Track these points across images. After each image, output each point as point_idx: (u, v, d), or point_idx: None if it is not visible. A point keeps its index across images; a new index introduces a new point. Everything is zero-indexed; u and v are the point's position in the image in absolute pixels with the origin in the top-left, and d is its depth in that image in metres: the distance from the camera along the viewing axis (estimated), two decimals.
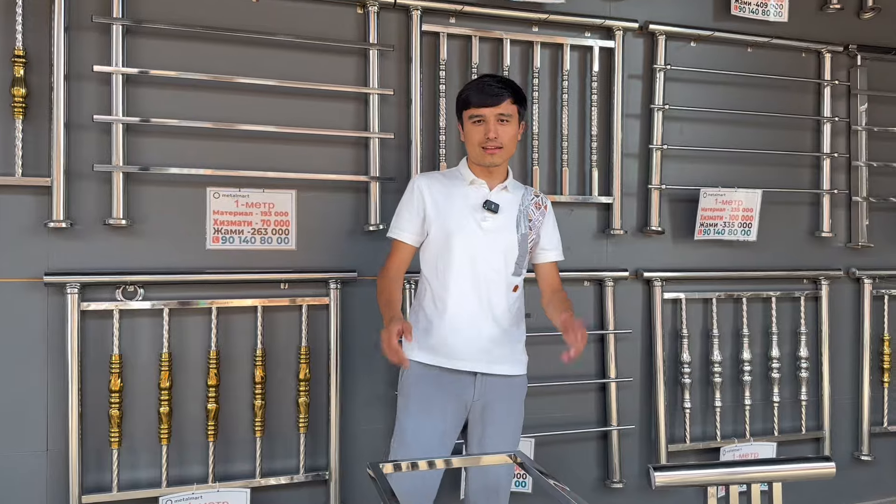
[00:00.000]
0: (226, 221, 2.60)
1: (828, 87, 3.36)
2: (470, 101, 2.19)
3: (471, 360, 2.18)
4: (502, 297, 2.22)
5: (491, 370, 2.20)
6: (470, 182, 2.24)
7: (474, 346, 2.19)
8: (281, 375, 2.66)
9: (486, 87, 2.17)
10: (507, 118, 2.18)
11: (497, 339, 2.21)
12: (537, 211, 2.30)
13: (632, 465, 3.11)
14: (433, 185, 2.24)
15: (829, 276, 3.37)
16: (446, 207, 2.20)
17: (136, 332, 2.51)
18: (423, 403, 2.17)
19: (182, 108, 2.55)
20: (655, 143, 3.08)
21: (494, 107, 2.15)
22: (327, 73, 2.70)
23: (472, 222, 2.19)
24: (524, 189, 2.34)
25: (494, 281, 2.20)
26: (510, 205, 2.24)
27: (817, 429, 3.37)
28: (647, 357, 3.13)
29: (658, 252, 3.15)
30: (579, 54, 3.03)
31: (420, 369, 2.19)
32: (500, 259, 2.20)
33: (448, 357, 2.18)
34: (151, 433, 2.51)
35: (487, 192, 2.23)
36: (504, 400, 2.24)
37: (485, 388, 2.21)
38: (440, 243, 2.20)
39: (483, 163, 2.21)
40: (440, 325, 2.18)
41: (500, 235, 2.20)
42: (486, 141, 2.16)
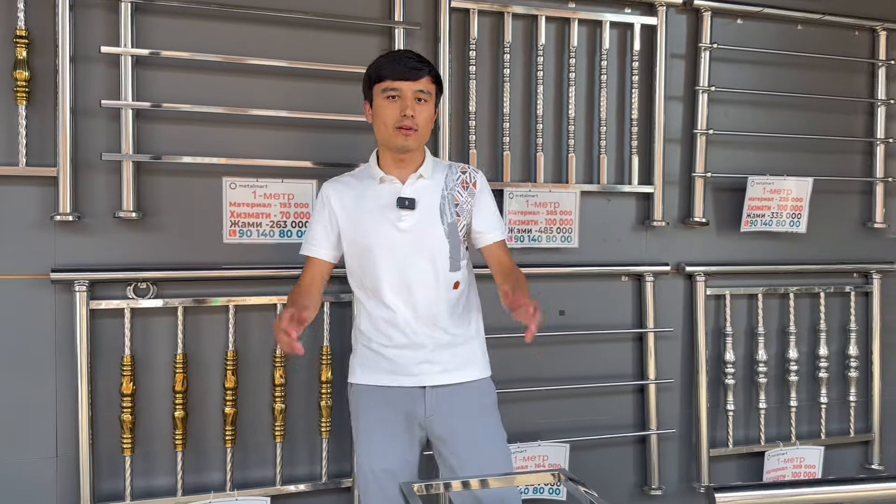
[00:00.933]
0: (243, 214, 2.44)
1: (882, 67, 3.14)
2: (384, 74, 1.93)
3: (414, 375, 1.99)
4: (441, 299, 2.00)
5: (440, 381, 1.99)
6: (380, 180, 2.00)
7: (416, 358, 1.99)
8: (301, 377, 2.51)
9: (404, 60, 1.94)
10: (425, 97, 1.94)
11: (443, 345, 2.00)
12: (465, 191, 2.04)
13: (671, 469, 2.95)
14: (342, 192, 2.03)
15: (881, 269, 3.16)
16: (358, 215, 2.00)
17: (149, 331, 2.36)
18: (372, 428, 2.00)
19: (196, 92, 2.38)
20: (699, 128, 2.87)
21: (413, 81, 1.91)
22: (350, 53, 2.51)
23: (387, 226, 1.97)
24: (447, 168, 2.07)
25: (427, 284, 1.98)
26: (430, 193, 2.00)
27: (866, 431, 3.18)
28: (688, 356, 2.95)
29: (701, 245, 2.96)
30: (619, 32, 2.82)
31: (364, 392, 2.03)
32: (428, 259, 1.97)
33: (389, 374, 2.00)
34: (166, 439, 2.37)
35: (400, 186, 1.99)
36: (465, 411, 2.00)
37: (437, 401, 1.99)
38: (360, 255, 2.00)
39: (395, 145, 1.94)
40: (378, 342, 2.01)
41: (423, 233, 1.97)
42: (402, 119, 1.90)
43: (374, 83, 1.96)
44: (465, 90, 2.62)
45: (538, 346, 2.70)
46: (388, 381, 2.01)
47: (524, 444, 2.66)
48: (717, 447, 2.96)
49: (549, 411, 2.77)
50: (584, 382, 2.78)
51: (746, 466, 3.03)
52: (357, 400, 2.06)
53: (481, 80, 2.65)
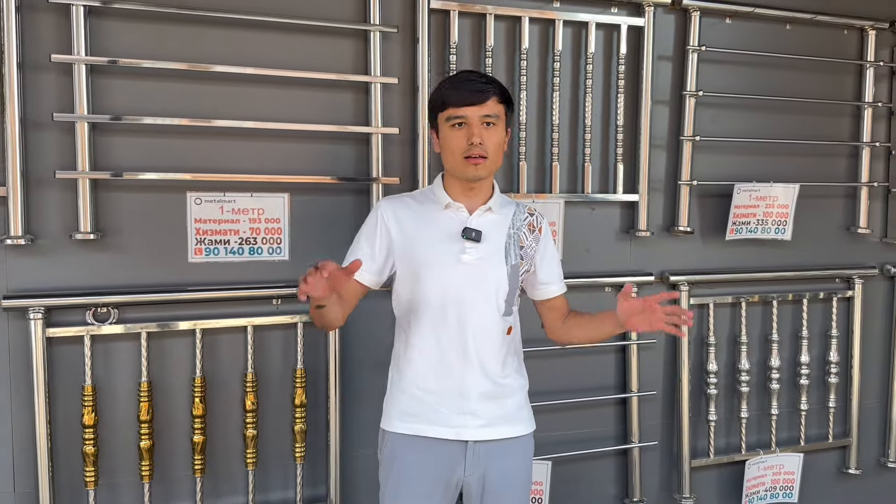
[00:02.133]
0: (209, 231, 2.29)
1: (871, 68, 3.06)
2: (448, 101, 1.81)
3: (457, 427, 1.83)
4: (493, 344, 1.86)
5: (484, 436, 1.85)
6: (445, 206, 1.87)
7: (460, 409, 1.84)
8: (275, 401, 2.40)
9: (468, 83, 1.81)
10: (494, 121, 1.81)
11: (489, 396, 1.86)
12: (531, 234, 1.93)
13: (652, 480, 2.91)
14: (400, 212, 1.88)
15: (863, 274, 3.12)
16: (417, 239, 1.85)
17: (111, 358, 2.23)
18: (404, 485, 1.84)
19: (157, 102, 2.22)
20: (686, 134, 2.78)
21: (479, 105, 1.78)
22: (322, 59, 2.36)
23: (448, 255, 1.83)
24: (514, 206, 1.96)
25: (482, 326, 1.84)
26: (497, 229, 1.88)
27: (844, 436, 3.18)
28: (670, 367, 2.90)
29: (685, 253, 2.88)
30: (605, 34, 2.70)
31: (399, 441, 1.86)
32: (486, 299, 1.84)
33: (429, 423, 1.84)
34: (132, 470, 2.25)
35: (467, 216, 1.86)
36: (506, 469, 1.88)
37: (478, 459, 1.85)
38: (412, 283, 1.85)
39: (465, 176, 1.82)
40: (418, 385, 1.85)
41: (486, 269, 1.84)
42: (470, 148, 1.78)
43: (438, 111, 1.84)
44: None
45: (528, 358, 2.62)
46: (426, 430, 1.84)
47: None
48: (698, 457, 2.93)
49: None
50: (566, 395, 2.72)
51: (727, 476, 3.01)
52: (391, 451, 1.89)
53: None
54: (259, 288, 2.33)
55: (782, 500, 3.03)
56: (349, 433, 2.47)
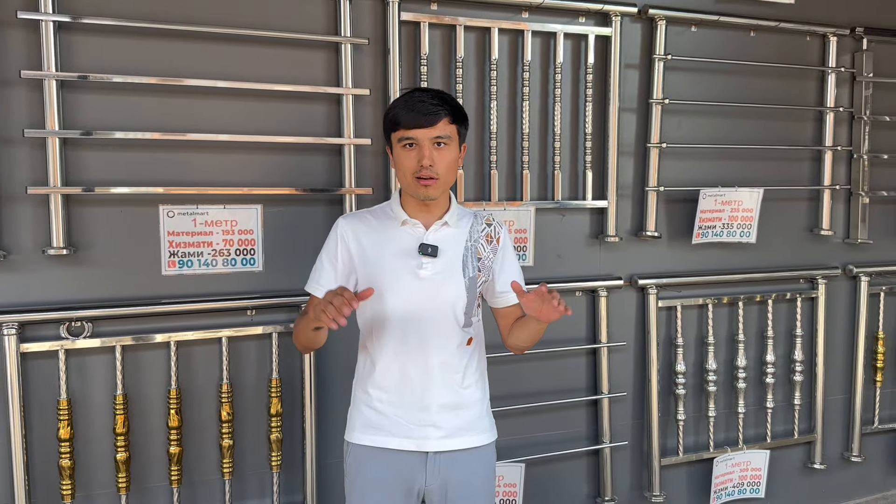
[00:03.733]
0: (182, 243, 2.31)
1: (832, 74, 3.13)
2: (399, 122, 1.79)
3: (417, 438, 1.85)
4: (453, 357, 1.87)
5: (444, 447, 1.86)
6: (402, 223, 1.86)
7: (421, 420, 1.85)
8: (250, 411, 2.42)
9: (418, 105, 1.78)
10: (445, 141, 1.79)
11: (450, 407, 1.87)
12: (488, 245, 1.92)
13: (622, 479, 2.98)
14: (359, 230, 1.88)
15: (826, 274, 3.21)
16: (375, 256, 1.85)
17: (86, 372, 2.24)
18: (368, 495, 1.87)
19: (127, 116, 2.22)
20: (653, 141, 2.84)
21: (429, 128, 1.76)
22: (294, 71, 2.38)
23: (406, 272, 1.83)
24: (472, 217, 1.95)
25: (441, 339, 1.85)
26: (454, 243, 1.88)
27: (809, 431, 3.27)
28: (639, 368, 2.96)
29: (653, 257, 2.95)
30: (572, 43, 2.74)
31: (362, 453, 1.89)
32: (445, 312, 1.85)
33: (390, 435, 1.86)
34: (109, 483, 2.27)
35: (423, 232, 1.86)
36: (467, 478, 1.89)
37: (439, 469, 1.86)
38: (371, 300, 1.79)
39: (417, 196, 1.82)
40: (380, 399, 1.87)
41: (443, 283, 1.84)
42: (420, 169, 1.77)
43: (390, 131, 1.83)
44: None
45: (496, 363, 2.66)
46: (388, 442, 1.86)
47: None
48: (667, 456, 3.00)
49: (505, 429, 2.72)
50: (538, 398, 2.77)
51: (696, 473, 3.09)
52: (354, 462, 1.91)
53: None
54: (233, 299, 2.35)
55: (749, 495, 3.11)
56: (324, 441, 2.50)
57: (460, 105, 1.86)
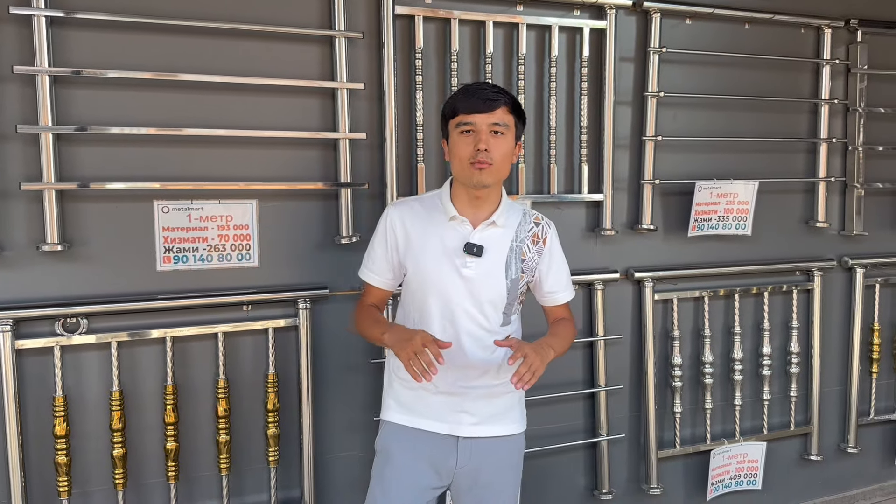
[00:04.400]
0: (177, 239, 2.30)
1: (827, 66, 3.14)
2: (458, 108, 1.84)
3: (451, 423, 1.92)
4: (490, 352, 1.91)
5: (476, 433, 1.92)
6: (451, 218, 1.89)
7: (453, 406, 1.92)
8: (247, 407, 2.42)
9: (478, 91, 1.84)
10: (502, 130, 1.83)
11: (485, 396, 1.93)
12: (534, 247, 1.94)
13: (620, 472, 2.98)
14: (407, 219, 1.92)
15: (822, 266, 3.21)
16: (421, 249, 1.89)
17: (82, 369, 2.23)
18: (395, 477, 1.91)
19: (122, 111, 2.22)
20: (648, 134, 2.83)
21: (488, 113, 1.81)
22: (288, 65, 2.37)
23: (450, 269, 1.87)
24: (521, 216, 1.98)
25: (480, 336, 1.90)
26: (499, 243, 1.90)
27: (805, 423, 3.28)
28: (636, 361, 2.97)
29: (649, 250, 2.95)
30: (567, 37, 2.74)
31: (395, 430, 1.95)
32: (484, 311, 1.89)
33: (425, 417, 1.93)
34: (105, 479, 2.27)
35: (470, 230, 1.88)
36: (496, 465, 1.96)
37: (470, 454, 1.93)
38: (416, 289, 1.92)
39: (470, 182, 1.83)
40: (416, 383, 1.83)
41: (485, 283, 1.87)
42: (476, 154, 1.79)
43: (448, 118, 1.87)
44: (411, 100, 2.51)
45: None
46: (422, 423, 1.93)
47: None
48: (664, 448, 3.01)
49: None
50: (535, 391, 2.76)
51: (693, 465, 3.09)
52: (387, 439, 1.96)
53: (428, 90, 2.54)
54: (229, 294, 2.35)
55: (746, 487, 3.12)
56: (322, 436, 2.50)
57: (518, 99, 1.93)
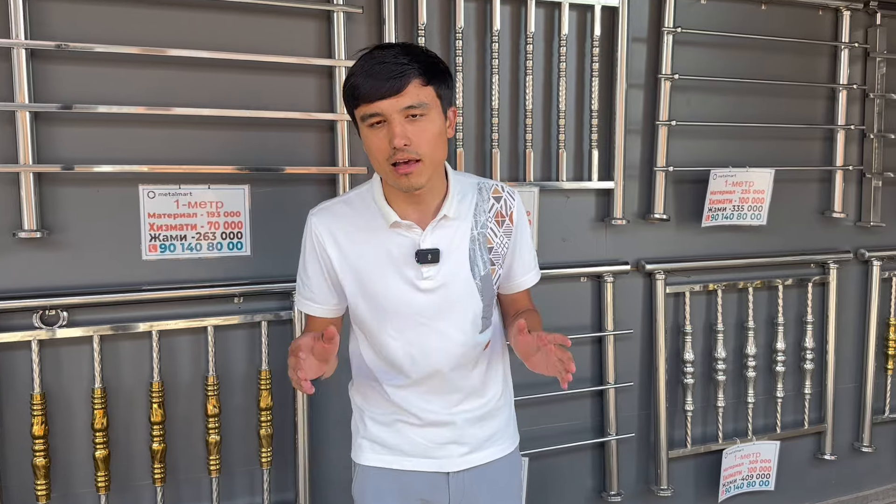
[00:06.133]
0: (164, 226, 2.16)
1: (845, 50, 3.00)
2: (358, 93, 1.39)
3: (440, 458, 1.61)
4: (469, 367, 1.60)
5: (469, 463, 1.62)
6: (392, 224, 1.50)
7: (441, 437, 1.60)
8: (238, 405, 2.28)
9: (377, 67, 1.38)
10: (421, 111, 1.39)
11: (476, 420, 1.63)
12: (500, 228, 1.58)
13: (629, 472, 2.86)
14: (337, 230, 1.51)
15: (838, 259, 3.09)
16: (363, 267, 1.51)
17: (62, 364, 2.09)
18: None
19: (105, 89, 2.07)
20: (661, 118, 2.70)
21: (396, 96, 1.37)
22: (283, 41, 2.23)
23: (404, 286, 1.50)
24: (476, 193, 1.58)
25: (457, 353, 1.56)
26: (457, 238, 1.53)
27: (819, 421, 3.16)
28: (646, 357, 2.84)
29: (661, 241, 2.81)
30: (578, 14, 2.60)
31: (373, 477, 1.63)
32: (458, 324, 1.54)
33: (409, 455, 1.61)
34: (87, 482, 2.13)
35: (420, 233, 1.50)
36: (493, 494, 1.66)
37: (464, 488, 1.62)
38: (366, 319, 1.55)
39: (398, 187, 1.44)
40: (393, 417, 1.61)
41: (451, 290, 1.51)
42: (394, 153, 1.39)
43: (351, 107, 1.45)
44: None
45: None
46: (405, 464, 1.61)
47: None
48: (674, 448, 2.88)
49: None
50: (542, 389, 2.64)
51: (704, 465, 2.97)
52: (363, 487, 1.65)
53: None
54: (219, 286, 2.21)
55: (759, 488, 3.00)
56: (318, 436, 2.36)
57: (435, 57, 1.47)
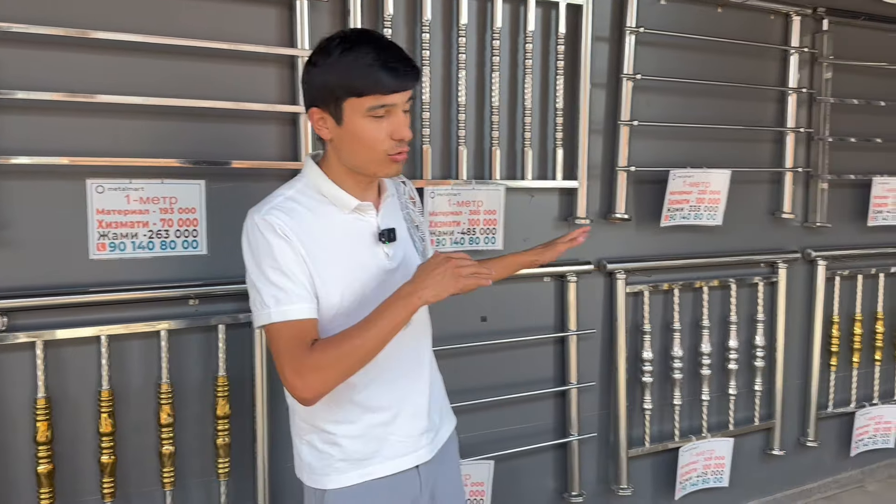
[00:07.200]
0: (114, 223, 2.01)
1: (795, 55, 3.07)
2: (377, 84, 1.37)
3: (414, 451, 1.55)
4: (428, 341, 1.64)
5: (433, 451, 1.60)
6: (354, 209, 1.48)
7: (419, 429, 1.56)
8: (194, 413, 2.15)
9: (400, 62, 1.39)
10: (411, 103, 1.48)
11: (433, 399, 1.61)
12: (415, 210, 1.69)
13: (589, 472, 2.85)
14: (301, 227, 1.41)
15: (786, 258, 3.16)
16: (333, 262, 1.43)
17: (1, 373, 1.92)
18: None
19: (51, 74, 1.91)
20: (623, 118, 2.69)
21: (409, 89, 1.43)
22: (243, 27, 2.11)
23: (375, 270, 1.48)
24: (391, 180, 1.65)
25: (418, 330, 1.56)
26: (397, 216, 1.60)
27: (769, 418, 3.22)
28: (606, 356, 2.83)
29: (621, 241, 2.81)
30: (543, 11, 2.56)
31: (354, 496, 1.50)
32: None
33: (387, 459, 1.52)
34: (29, 499, 1.96)
35: (374, 216, 1.51)
36: (448, 469, 1.68)
37: (429, 472, 1.60)
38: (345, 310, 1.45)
39: (380, 174, 1.47)
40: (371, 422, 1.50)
41: (409, 266, 1.50)
42: (398, 144, 1.42)
43: (347, 96, 1.39)
44: None
45: (461, 355, 2.49)
46: (383, 469, 1.51)
47: None
48: (633, 447, 2.89)
49: (471, 424, 2.56)
50: (505, 390, 2.60)
51: (661, 464, 2.99)
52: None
53: None
54: (173, 287, 2.07)
55: (713, 484, 3.04)
56: (278, 445, 2.24)
57: None
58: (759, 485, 3.28)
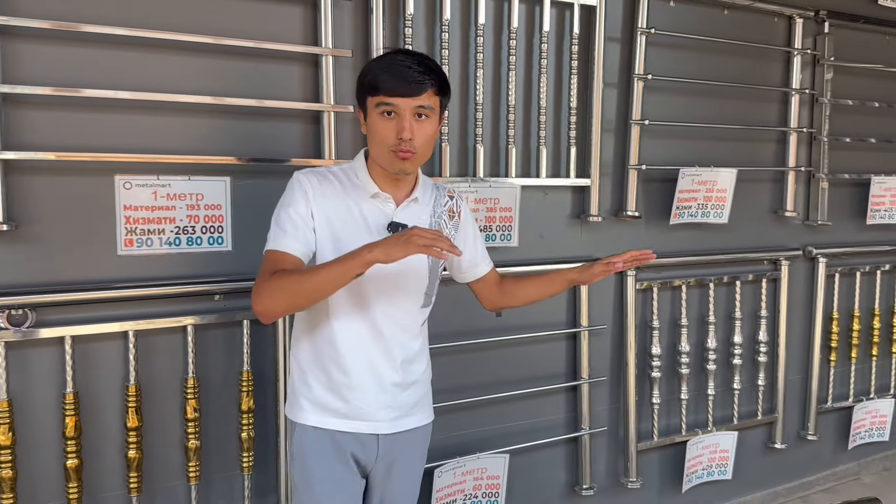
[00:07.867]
0: (141, 219, 2.03)
1: (797, 56, 3.14)
2: (380, 86, 1.59)
3: (374, 420, 1.73)
4: (410, 336, 1.77)
5: (397, 428, 1.77)
6: (372, 195, 1.68)
7: (377, 403, 1.72)
8: (218, 408, 2.17)
9: (404, 71, 1.58)
10: (427, 113, 1.61)
11: (403, 387, 1.77)
12: (450, 221, 1.82)
13: (599, 465, 2.89)
14: (326, 192, 1.66)
15: (788, 256, 3.22)
16: (340, 230, 1.65)
17: (30, 368, 1.93)
18: (326, 483, 1.72)
19: (78, 71, 1.92)
20: (635, 117, 2.74)
21: (413, 97, 1.58)
22: (269, 27, 2.13)
23: None
24: (435, 190, 1.82)
25: (400, 322, 1.73)
26: (419, 220, 1.73)
27: (771, 412, 3.29)
28: (616, 351, 2.88)
29: (631, 238, 2.86)
30: (558, 12, 2.60)
31: (314, 437, 1.71)
32: (405, 293, 1.73)
33: (347, 418, 1.71)
34: (57, 494, 1.97)
35: (393, 208, 1.70)
36: (410, 459, 1.84)
37: (390, 447, 1.77)
38: None
39: (391, 169, 1.65)
40: (338, 380, 1.69)
41: (407, 265, 1.61)
42: (399, 142, 1.60)
43: (368, 94, 1.62)
44: None
45: (476, 350, 2.53)
46: (341, 425, 1.71)
47: (463, 458, 2.49)
48: (642, 440, 2.94)
49: (485, 419, 2.61)
50: (519, 384, 2.64)
51: (669, 456, 3.04)
52: (303, 446, 1.73)
53: None
54: (199, 283, 2.09)
55: (718, 477, 3.10)
56: None
57: (445, 74, 1.68)
58: (762, 477, 3.34)
